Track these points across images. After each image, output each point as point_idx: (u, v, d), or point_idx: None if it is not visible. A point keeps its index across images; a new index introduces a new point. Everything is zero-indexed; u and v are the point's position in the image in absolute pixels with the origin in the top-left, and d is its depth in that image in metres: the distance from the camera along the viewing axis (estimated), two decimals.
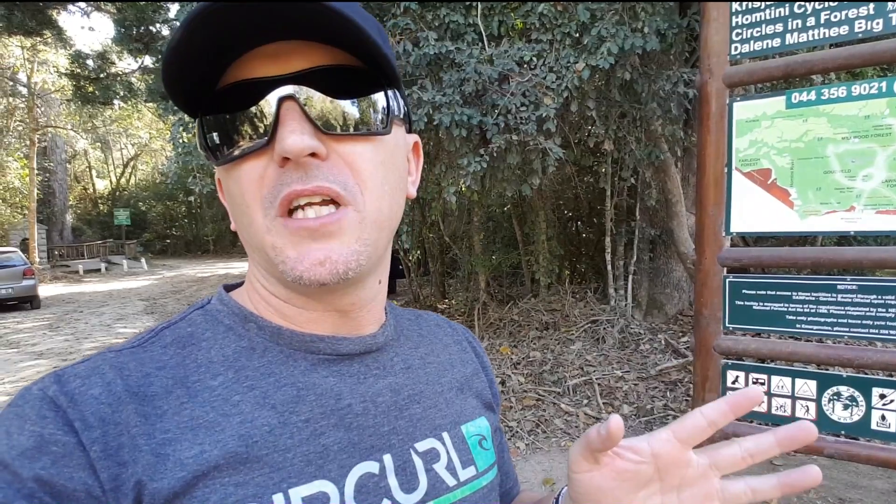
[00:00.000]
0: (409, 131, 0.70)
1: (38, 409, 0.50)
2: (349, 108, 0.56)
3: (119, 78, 16.73)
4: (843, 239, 6.61)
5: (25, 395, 0.51)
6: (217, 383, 0.57)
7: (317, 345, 0.62)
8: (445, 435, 0.68)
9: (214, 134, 0.56)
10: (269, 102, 0.54)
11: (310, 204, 0.55)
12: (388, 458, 0.61)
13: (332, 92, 0.55)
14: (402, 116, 0.64)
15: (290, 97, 0.53)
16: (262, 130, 0.54)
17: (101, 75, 15.95)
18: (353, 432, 0.60)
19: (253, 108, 0.54)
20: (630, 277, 7.91)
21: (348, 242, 0.56)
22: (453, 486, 0.65)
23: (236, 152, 0.55)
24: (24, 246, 23.69)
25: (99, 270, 26.41)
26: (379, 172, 0.58)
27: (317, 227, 0.54)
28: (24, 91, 25.09)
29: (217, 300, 0.66)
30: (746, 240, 6.85)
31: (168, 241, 40.54)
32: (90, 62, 16.30)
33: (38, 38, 17.16)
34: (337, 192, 0.54)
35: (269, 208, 0.55)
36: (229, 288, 0.69)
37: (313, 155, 0.53)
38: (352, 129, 0.56)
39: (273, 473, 0.54)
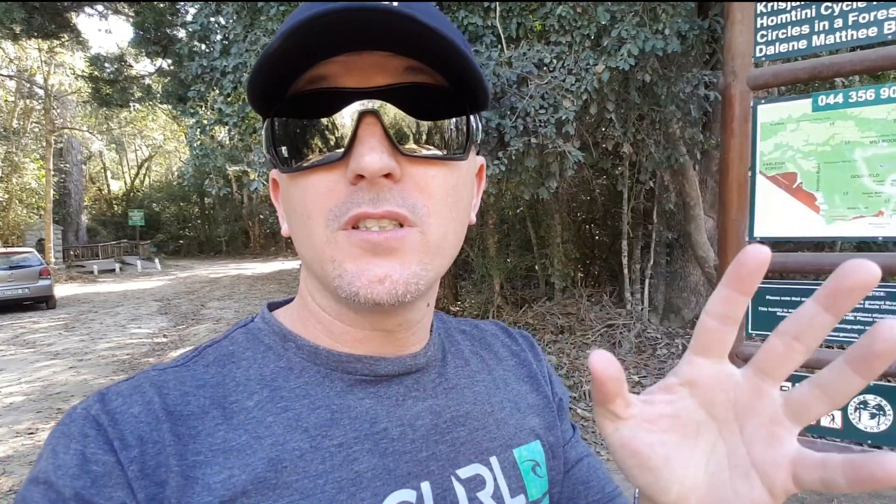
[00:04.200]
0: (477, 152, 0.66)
1: (81, 427, 0.51)
2: (430, 128, 0.54)
3: (136, 80, 16.89)
4: (862, 244, 6.52)
5: (72, 414, 0.52)
6: (252, 403, 0.56)
7: (354, 365, 0.60)
8: (493, 460, 0.64)
9: (285, 138, 0.54)
10: (349, 116, 0.51)
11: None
12: (426, 486, 0.58)
13: (414, 110, 0.53)
14: (479, 141, 0.60)
15: (372, 112, 0.51)
16: (336, 143, 0.52)
17: (119, 78, 16.11)
18: (388, 458, 0.57)
19: (330, 119, 0.52)
20: (647, 281, 7.85)
21: (409, 263, 0.53)
22: None
23: (306, 163, 0.53)
24: (40, 246, 23.90)
25: (113, 271, 26.61)
26: (450, 198, 0.56)
27: (381, 240, 0.51)
28: (41, 93, 25.38)
29: (260, 319, 0.65)
30: (766, 244, 6.77)
31: (181, 241, 40.76)
32: (108, 65, 16.47)
33: (57, 41, 17.36)
34: (405, 216, 0.52)
35: (332, 221, 0.52)
36: (274, 306, 0.68)
37: (387, 176, 0.51)
38: (430, 152, 0.54)
39: (302, 500, 0.52)
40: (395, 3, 0.47)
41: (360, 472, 0.55)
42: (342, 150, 0.52)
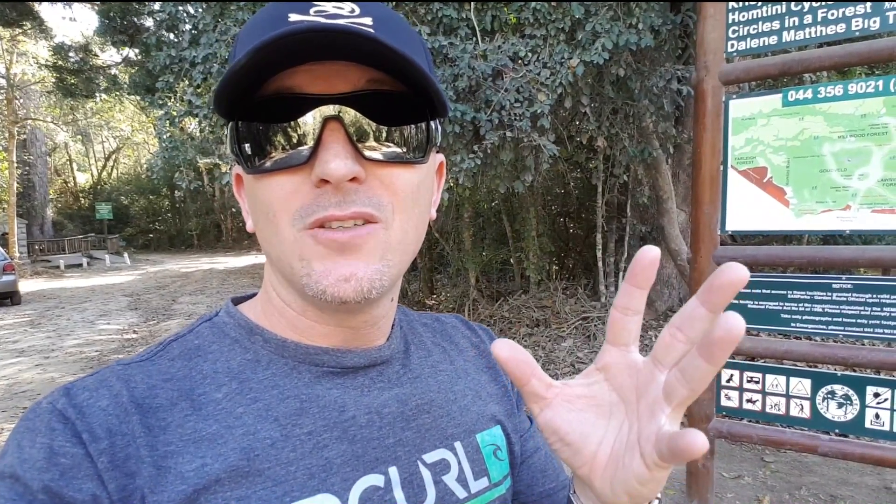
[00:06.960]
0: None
1: (48, 421, 0.51)
2: (392, 133, 0.56)
3: (102, 70, 16.49)
4: (829, 238, 6.67)
5: (36, 409, 0.52)
6: (221, 395, 0.57)
7: (321, 357, 0.62)
8: (458, 444, 0.67)
9: (249, 141, 0.55)
10: (313, 121, 0.53)
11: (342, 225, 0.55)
12: (393, 471, 0.60)
13: (376, 116, 0.55)
14: (438, 143, 0.63)
15: (335, 118, 0.53)
16: (301, 147, 0.54)
17: (84, 68, 15.71)
18: (356, 445, 0.59)
19: (295, 124, 0.54)
20: (620, 274, 7.94)
21: (373, 260, 0.55)
22: (463, 497, 0.64)
23: (270, 164, 0.55)
24: (4, 240, 23.33)
25: (80, 265, 26.05)
26: (413, 195, 0.58)
27: (346, 239, 0.53)
28: (3, 82, 24.65)
29: (224, 312, 0.66)
30: (735, 237, 6.88)
31: (151, 235, 40.11)
32: (72, 54, 16.04)
33: (19, 29, 16.85)
34: (371, 214, 0.54)
35: (297, 221, 0.54)
36: (238, 300, 0.69)
37: (353, 179, 0.53)
38: (392, 157, 0.56)
39: (275, 487, 0.54)
40: (356, 25, 0.51)
41: (329, 458, 0.57)
42: (307, 153, 0.53)
